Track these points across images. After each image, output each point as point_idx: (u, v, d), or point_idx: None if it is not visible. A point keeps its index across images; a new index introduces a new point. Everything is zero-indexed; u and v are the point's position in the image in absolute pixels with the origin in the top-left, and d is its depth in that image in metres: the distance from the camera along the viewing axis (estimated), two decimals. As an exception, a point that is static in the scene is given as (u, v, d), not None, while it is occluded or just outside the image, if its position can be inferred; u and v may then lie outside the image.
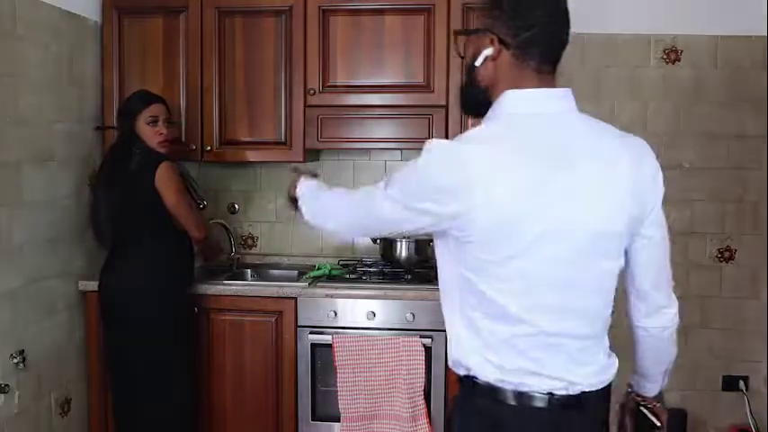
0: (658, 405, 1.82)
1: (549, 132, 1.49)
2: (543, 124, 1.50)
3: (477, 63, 1.56)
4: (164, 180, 2.85)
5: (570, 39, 1.58)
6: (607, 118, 3.62)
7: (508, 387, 1.51)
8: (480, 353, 1.52)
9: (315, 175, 1.98)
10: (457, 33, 1.69)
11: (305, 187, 1.90)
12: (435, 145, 1.56)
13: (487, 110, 1.58)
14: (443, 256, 1.58)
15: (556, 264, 1.46)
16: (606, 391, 1.59)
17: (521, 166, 1.44)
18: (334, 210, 1.80)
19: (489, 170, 1.42)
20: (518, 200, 1.42)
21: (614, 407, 1.80)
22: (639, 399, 1.83)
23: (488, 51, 1.53)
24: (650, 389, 1.82)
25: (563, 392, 1.51)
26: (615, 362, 1.62)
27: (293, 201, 1.92)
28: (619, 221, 1.51)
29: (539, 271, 1.46)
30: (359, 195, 1.71)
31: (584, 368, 1.53)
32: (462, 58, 1.66)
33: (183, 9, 3.32)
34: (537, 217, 1.43)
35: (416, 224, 1.53)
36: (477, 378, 1.54)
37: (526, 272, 1.46)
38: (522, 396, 1.50)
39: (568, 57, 3.59)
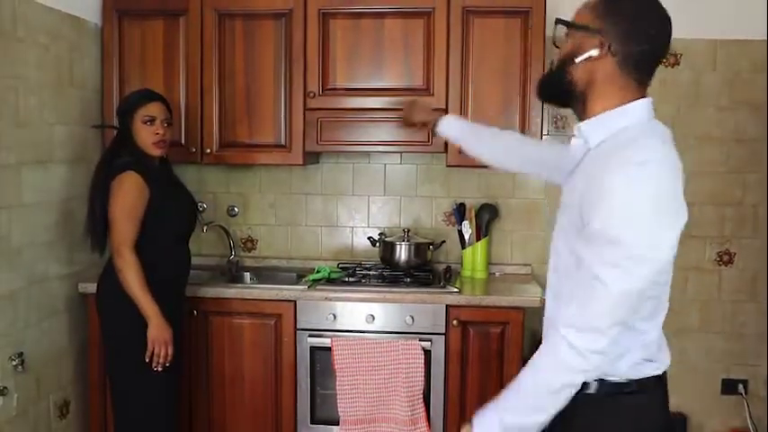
0: None
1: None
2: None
3: (578, 60, 1.61)
4: (115, 187, 2.70)
5: None
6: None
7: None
8: None
9: None
10: (562, 23, 1.69)
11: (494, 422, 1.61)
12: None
13: (565, 101, 1.69)
14: None
15: None
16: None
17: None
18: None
19: None
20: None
21: None
22: None
23: (594, 52, 1.59)
24: None
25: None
26: None
27: None
28: None
29: None
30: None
31: None
32: (557, 47, 1.71)
33: (184, 12, 3.33)
34: None
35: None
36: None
37: None
38: None
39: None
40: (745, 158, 3.52)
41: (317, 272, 3.38)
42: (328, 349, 3.07)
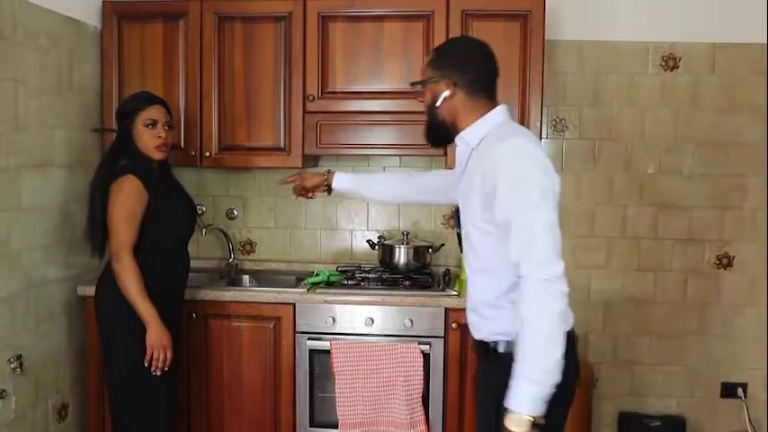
0: None
1: None
2: None
3: (438, 104, 2.11)
4: (115, 191, 2.70)
5: (569, 44, 1.75)
6: (606, 124, 3.64)
7: None
8: None
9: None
10: (415, 84, 2.21)
11: (531, 397, 1.83)
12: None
13: (449, 140, 2.17)
14: None
15: None
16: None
17: None
18: (550, 324, 1.86)
19: None
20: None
21: None
22: None
23: (446, 93, 2.09)
24: None
25: None
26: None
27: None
28: None
29: None
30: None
31: None
32: (422, 102, 2.19)
33: (183, 15, 3.33)
34: None
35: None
36: None
37: None
38: None
39: (568, 63, 3.61)
40: (745, 162, 3.52)
41: (317, 275, 3.38)
42: (327, 352, 3.07)
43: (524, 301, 1.85)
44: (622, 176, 3.57)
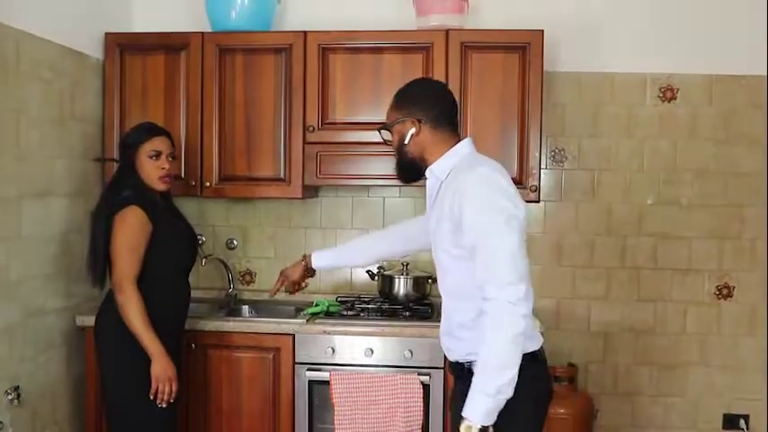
0: None
1: None
2: None
3: (406, 142, 2.23)
4: (118, 222, 2.69)
5: (568, 76, 1.78)
6: (605, 155, 3.64)
7: None
8: None
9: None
10: (383, 128, 2.34)
11: (484, 409, 1.97)
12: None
13: (420, 175, 2.27)
14: None
15: None
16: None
17: None
18: (505, 340, 1.97)
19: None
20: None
21: None
22: None
23: (412, 131, 2.22)
24: None
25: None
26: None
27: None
28: None
29: None
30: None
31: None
32: (389, 143, 2.33)
33: (185, 46, 3.36)
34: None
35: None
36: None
37: None
38: None
39: (566, 94, 3.62)
40: (744, 192, 3.54)
41: (316, 305, 3.37)
42: (327, 383, 3.05)
43: (488, 321, 1.98)
44: (621, 207, 3.58)
